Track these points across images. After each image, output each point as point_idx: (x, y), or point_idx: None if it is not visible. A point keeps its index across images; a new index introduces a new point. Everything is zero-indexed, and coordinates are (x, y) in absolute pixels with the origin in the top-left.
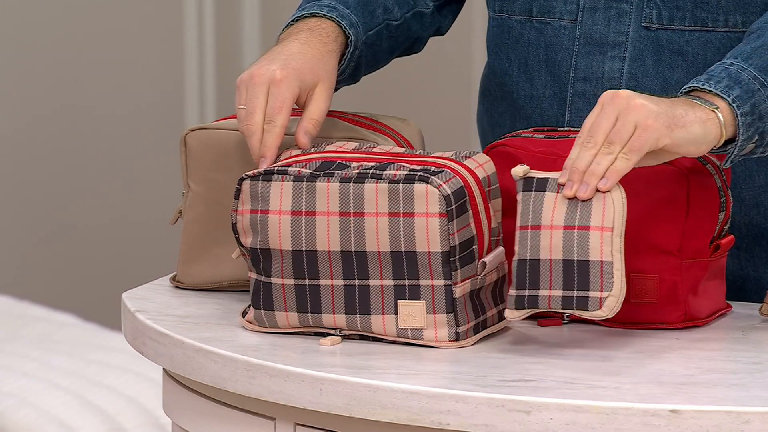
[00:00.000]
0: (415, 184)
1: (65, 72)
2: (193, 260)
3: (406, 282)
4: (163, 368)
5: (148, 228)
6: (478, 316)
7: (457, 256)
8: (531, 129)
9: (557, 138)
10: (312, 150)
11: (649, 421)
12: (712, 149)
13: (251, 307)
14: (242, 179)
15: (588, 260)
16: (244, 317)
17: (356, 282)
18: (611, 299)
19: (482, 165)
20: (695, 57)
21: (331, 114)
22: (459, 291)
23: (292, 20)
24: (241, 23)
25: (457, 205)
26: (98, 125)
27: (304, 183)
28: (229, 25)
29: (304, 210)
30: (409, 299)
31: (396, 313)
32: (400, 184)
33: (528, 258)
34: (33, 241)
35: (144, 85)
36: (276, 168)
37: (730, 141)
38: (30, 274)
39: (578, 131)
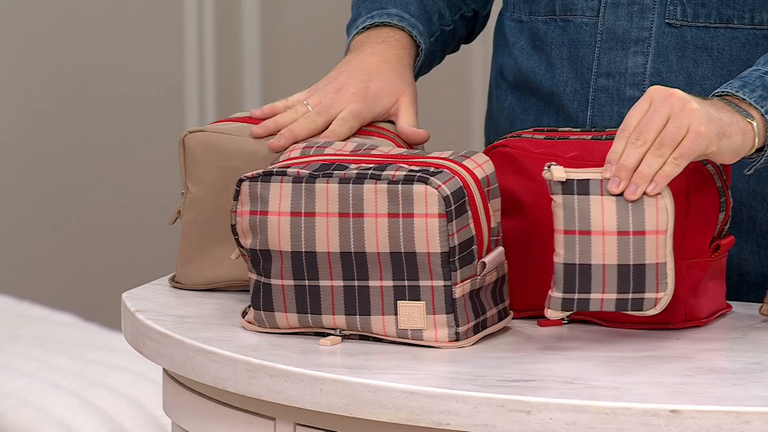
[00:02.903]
0: (414, 184)
1: (65, 73)
2: (191, 261)
3: (406, 283)
4: (163, 368)
5: (148, 228)
6: (478, 316)
7: (457, 257)
8: (531, 129)
9: (557, 139)
10: (313, 153)
11: (649, 421)
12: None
13: (251, 308)
14: (241, 180)
15: (644, 264)
16: (244, 317)
17: (356, 283)
18: (665, 298)
19: (481, 165)
20: (720, 53)
21: None
22: (459, 291)
23: (362, 27)
24: (241, 23)
25: (456, 205)
26: (98, 126)
27: (304, 184)
28: (229, 25)
29: (303, 211)
30: (409, 300)
31: (396, 314)
32: (399, 185)
33: (578, 263)
34: (33, 241)
35: (144, 86)
36: (275, 169)
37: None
38: (30, 274)
39: (577, 132)
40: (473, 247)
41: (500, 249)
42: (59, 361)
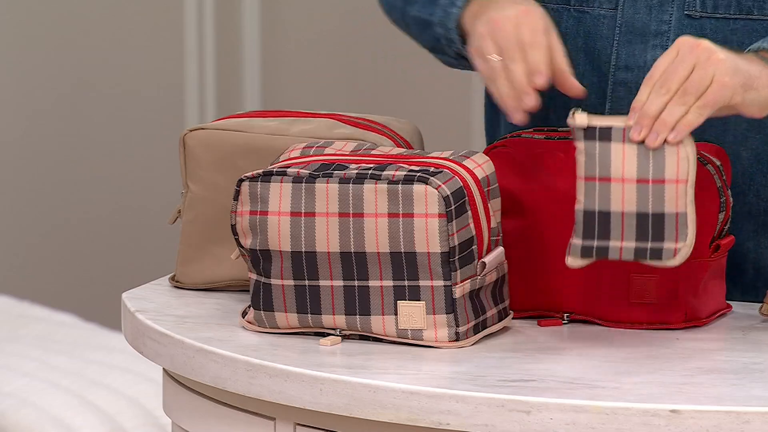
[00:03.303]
0: (414, 184)
1: (65, 73)
2: (191, 260)
3: (406, 283)
4: (163, 368)
5: (148, 228)
6: (478, 316)
7: (457, 257)
8: (531, 129)
9: (557, 138)
10: (313, 153)
11: (649, 421)
12: None
13: (251, 308)
14: (241, 180)
15: (663, 213)
16: (244, 317)
17: (356, 283)
18: (685, 249)
19: (481, 165)
20: (741, 46)
21: (330, 115)
22: (459, 291)
23: None
24: (241, 23)
25: (456, 205)
26: (98, 125)
27: (303, 184)
28: (229, 25)
29: (303, 211)
30: (409, 300)
31: (396, 314)
32: (399, 185)
33: (597, 210)
34: (33, 241)
35: (144, 85)
36: (275, 169)
37: None
38: (30, 274)
39: None
40: (473, 247)
41: (500, 249)
42: (59, 361)
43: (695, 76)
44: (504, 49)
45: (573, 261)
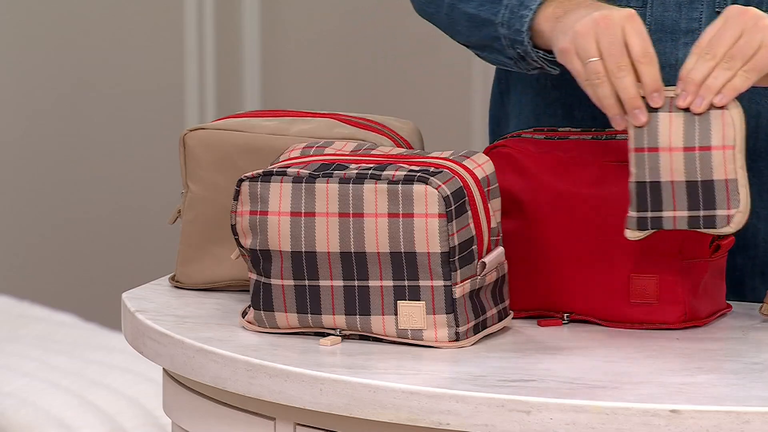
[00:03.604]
0: (414, 184)
1: (65, 73)
2: (191, 260)
3: (406, 283)
4: (163, 368)
5: (148, 228)
6: (478, 316)
7: (457, 257)
8: (531, 129)
9: (557, 139)
10: (313, 152)
11: (649, 421)
12: None
13: (251, 308)
14: (241, 180)
15: (712, 180)
16: (244, 317)
17: (356, 283)
18: (739, 215)
19: (481, 165)
20: None
21: (330, 115)
22: (459, 291)
23: None
24: (241, 23)
25: (456, 205)
26: (98, 126)
27: (303, 184)
28: (229, 25)
29: (303, 211)
30: (409, 300)
31: (396, 314)
32: (399, 185)
33: (648, 180)
34: (33, 241)
35: (144, 86)
36: (275, 169)
37: None
38: (30, 274)
39: (577, 132)
40: (473, 247)
41: (500, 249)
42: (59, 361)
43: (742, 42)
44: (609, 52)
45: (631, 234)
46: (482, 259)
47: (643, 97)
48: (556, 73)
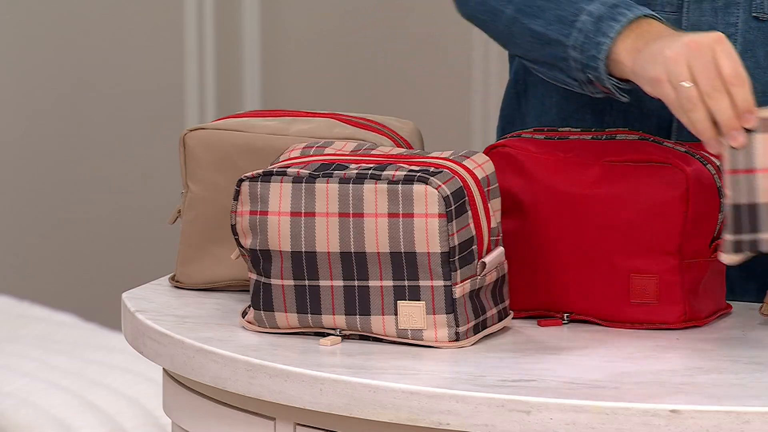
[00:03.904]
0: (414, 184)
1: (65, 73)
2: (191, 260)
3: (406, 283)
4: (163, 368)
5: (148, 228)
6: (478, 316)
7: (457, 257)
8: (531, 129)
9: (557, 139)
10: (313, 153)
11: (649, 421)
12: None
13: (251, 308)
14: (241, 180)
15: None
16: (244, 317)
17: (356, 283)
18: None
19: (481, 165)
20: None
21: (330, 115)
22: (459, 291)
23: (624, 21)
24: (241, 23)
25: (456, 205)
26: (98, 125)
27: (303, 184)
28: (229, 25)
29: (303, 211)
30: (409, 300)
31: (396, 314)
32: (399, 185)
33: (745, 202)
34: (33, 241)
35: (144, 86)
36: (275, 169)
37: None
38: (30, 274)
39: (577, 132)
40: (473, 247)
41: (500, 249)
42: (59, 361)
43: None
44: (702, 75)
45: (728, 258)
46: (482, 259)
47: None
48: (626, 100)
